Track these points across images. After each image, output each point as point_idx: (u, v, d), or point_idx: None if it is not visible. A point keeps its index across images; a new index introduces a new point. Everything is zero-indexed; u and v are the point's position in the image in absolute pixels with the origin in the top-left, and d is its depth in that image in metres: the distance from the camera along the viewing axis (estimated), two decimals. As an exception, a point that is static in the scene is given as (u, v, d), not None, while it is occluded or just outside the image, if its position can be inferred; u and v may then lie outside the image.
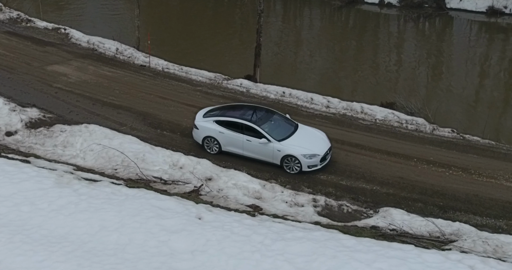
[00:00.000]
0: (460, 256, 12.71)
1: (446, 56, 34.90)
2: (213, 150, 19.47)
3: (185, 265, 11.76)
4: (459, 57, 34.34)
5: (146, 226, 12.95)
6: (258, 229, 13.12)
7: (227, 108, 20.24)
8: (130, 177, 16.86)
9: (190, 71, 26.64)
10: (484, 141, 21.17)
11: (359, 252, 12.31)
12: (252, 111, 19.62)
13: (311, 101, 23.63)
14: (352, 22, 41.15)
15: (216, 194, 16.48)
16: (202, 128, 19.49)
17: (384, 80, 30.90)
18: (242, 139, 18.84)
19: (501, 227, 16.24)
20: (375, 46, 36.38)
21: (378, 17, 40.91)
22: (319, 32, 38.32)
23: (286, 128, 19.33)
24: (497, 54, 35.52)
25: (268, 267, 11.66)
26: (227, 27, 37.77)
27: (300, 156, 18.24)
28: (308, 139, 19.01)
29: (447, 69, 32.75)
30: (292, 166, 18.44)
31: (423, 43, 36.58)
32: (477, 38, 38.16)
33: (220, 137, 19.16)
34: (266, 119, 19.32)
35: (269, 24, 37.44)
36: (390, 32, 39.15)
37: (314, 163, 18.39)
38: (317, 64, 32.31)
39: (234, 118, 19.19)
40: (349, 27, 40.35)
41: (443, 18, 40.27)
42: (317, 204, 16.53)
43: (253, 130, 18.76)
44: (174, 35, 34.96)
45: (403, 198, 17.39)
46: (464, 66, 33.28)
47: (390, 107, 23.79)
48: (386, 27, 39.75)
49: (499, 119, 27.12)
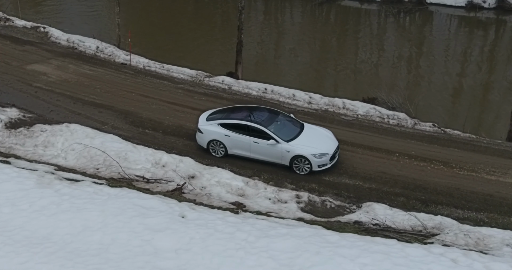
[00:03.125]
0: (443, 250, 12.82)
1: (427, 51, 35.15)
2: (219, 154, 19.07)
3: (169, 264, 11.71)
4: (439, 52, 34.62)
5: (130, 225, 12.88)
6: (242, 226, 13.11)
7: (230, 110, 19.71)
8: (113, 176, 16.75)
9: (171, 68, 26.53)
10: (464, 135, 21.39)
11: (343, 248, 12.35)
12: (257, 112, 19.23)
13: (293, 97, 23.67)
14: (333, 17, 41.26)
15: (199, 192, 16.44)
16: (206, 132, 19.06)
17: (365, 76, 31.05)
18: (249, 141, 18.48)
19: (483, 220, 16.41)
20: (356, 41, 36.52)
21: (359, 13, 41.07)
22: (301, 28, 38.38)
23: (292, 128, 19.02)
24: (477, 48, 35.87)
25: (252, 264, 11.66)
26: (208, 24, 37.66)
27: (310, 156, 17.95)
28: (316, 138, 18.74)
29: (427, 64, 33.00)
30: (302, 166, 18.16)
31: (403, 38, 36.82)
32: (456, 32, 38.49)
33: (226, 140, 18.77)
34: (272, 119, 18.93)
35: (251, 21, 37.42)
36: (371, 27, 39.34)
37: (324, 162, 18.14)
38: (298, 60, 32.36)
39: (240, 120, 18.76)
40: (330, 22, 40.45)
41: (423, 13, 40.54)
42: (300, 200, 16.56)
43: (260, 131, 18.38)
44: (155, 33, 34.78)
45: (385, 193, 17.49)
46: (444, 60, 33.58)
47: (371, 102, 23.90)
48: (367, 22, 39.94)
49: (479, 113, 27.41)
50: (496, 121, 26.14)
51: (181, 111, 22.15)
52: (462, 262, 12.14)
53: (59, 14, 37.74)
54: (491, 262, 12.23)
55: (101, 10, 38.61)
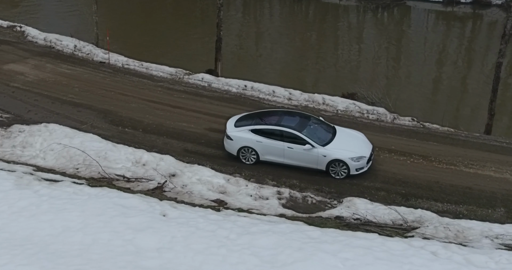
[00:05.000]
0: (423, 243, 12.94)
1: (405, 45, 35.43)
2: (250, 160, 18.55)
3: (151, 263, 11.66)
4: (418, 47, 34.93)
5: (111, 225, 12.79)
6: (224, 224, 13.10)
7: (260, 115, 19.11)
8: (93, 176, 16.63)
9: (150, 66, 26.40)
10: (443, 128, 21.61)
11: (325, 243, 12.41)
12: (288, 117, 18.80)
13: (273, 94, 23.70)
14: (312, 13, 41.37)
15: (180, 190, 16.39)
16: (237, 139, 18.50)
17: (345, 71, 31.22)
18: (283, 147, 17.98)
19: (462, 213, 16.61)
20: (335, 37, 36.68)
21: (338, 8, 41.24)
22: (280, 25, 38.42)
23: (325, 131, 18.62)
24: (454, 43, 36.25)
25: (234, 262, 11.66)
26: (187, 22, 37.52)
27: (348, 160, 17.62)
28: (351, 141, 18.43)
29: (406, 59, 33.27)
30: (339, 170, 17.82)
31: (382, 34, 37.05)
32: (434, 27, 38.84)
33: (258, 146, 18.26)
34: (305, 124, 18.49)
35: (229, 18, 37.35)
36: (350, 23, 39.52)
37: (361, 166, 17.87)
38: (278, 57, 32.41)
39: (273, 125, 18.25)
40: (309, 18, 40.56)
41: (401, 8, 40.83)
42: (282, 196, 16.60)
43: (294, 136, 17.89)
44: (134, 31, 34.57)
45: (366, 188, 17.61)
46: (422, 55, 33.88)
47: (351, 97, 24.05)
48: (346, 18, 40.11)
49: (457, 107, 27.73)
50: (474, 114, 26.47)
51: (161, 109, 22.06)
52: (442, 255, 12.27)
53: (37, 13, 37.32)
54: (471, 254, 12.38)
55: (79, 9, 38.24)
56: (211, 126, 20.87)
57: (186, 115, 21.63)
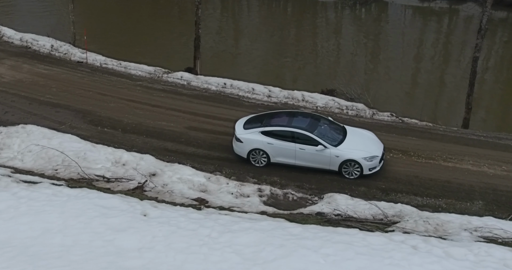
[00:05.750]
0: (403, 237, 13.05)
1: (383, 41, 35.65)
2: (260, 163, 18.37)
3: (133, 263, 11.60)
4: (396, 42, 35.17)
5: (91, 226, 12.71)
6: (205, 222, 13.09)
7: (269, 117, 18.85)
8: (72, 177, 16.50)
9: (129, 65, 26.25)
10: (421, 123, 21.83)
11: (306, 239, 12.46)
12: (298, 118, 18.62)
13: (252, 91, 23.72)
14: (291, 10, 41.43)
15: (161, 189, 16.33)
16: (247, 141, 18.25)
17: (324, 68, 31.33)
18: (295, 148, 17.81)
19: (441, 206, 16.79)
20: (314, 34, 36.80)
21: (316, 5, 41.32)
22: (258, 22, 38.43)
23: (336, 131, 18.50)
24: (431, 38, 36.57)
25: (216, 260, 11.65)
26: (165, 20, 37.33)
27: (361, 160, 17.54)
28: (362, 140, 18.36)
29: (384, 54, 33.49)
30: (352, 170, 17.74)
31: (360, 30, 37.24)
32: (411, 23, 39.13)
33: (268, 148, 18.06)
34: (316, 124, 18.31)
35: (208, 16, 37.24)
36: (328, 19, 39.65)
37: (374, 165, 17.82)
38: (257, 54, 32.41)
39: (283, 127, 18.07)
40: (288, 15, 40.62)
41: (379, 4, 41.05)
42: (263, 193, 16.63)
43: (306, 138, 17.74)
44: (112, 30, 34.31)
45: (346, 183, 17.70)
46: (400, 50, 34.12)
47: (330, 94, 24.16)
48: (324, 14, 40.23)
49: (435, 101, 28.00)
50: (452, 109, 26.75)
51: (140, 108, 21.94)
52: (422, 248, 12.39)
53: (11, 13, 36.83)
54: (450, 247, 12.52)
55: (55, 8, 37.84)
56: (191, 124, 20.82)
57: (165, 114, 21.54)
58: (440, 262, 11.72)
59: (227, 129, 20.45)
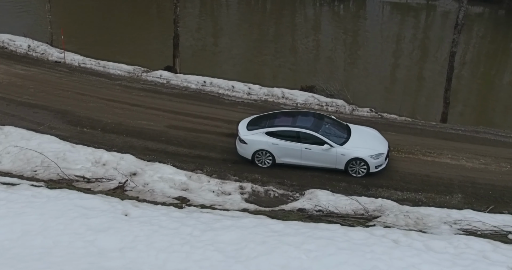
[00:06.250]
0: (384, 231, 13.17)
1: (362, 37, 35.86)
2: (265, 164, 18.18)
3: (114, 263, 11.56)
4: (374, 38, 35.38)
5: (71, 227, 12.63)
6: (186, 221, 13.08)
7: (272, 117, 18.69)
8: (51, 178, 16.35)
9: (107, 65, 26.07)
10: (401, 118, 21.99)
11: (288, 236, 12.51)
12: (302, 117, 18.51)
13: (232, 89, 23.71)
14: (269, 7, 41.46)
15: (142, 188, 16.26)
16: (251, 142, 18.04)
17: (303, 64, 31.40)
18: (300, 148, 17.69)
19: (421, 200, 16.94)
20: (293, 30, 36.86)
21: (295, 2, 41.41)
22: (237, 19, 38.41)
23: (340, 130, 18.41)
24: (409, 33, 36.87)
25: (198, 258, 11.66)
26: (144, 19, 37.14)
27: (367, 158, 17.47)
28: (367, 138, 18.28)
29: (363, 50, 33.67)
30: (358, 169, 17.66)
31: (338, 26, 37.40)
32: (389, 19, 39.40)
33: (274, 149, 17.88)
34: (320, 123, 18.20)
35: (187, 14, 37.13)
36: (307, 16, 39.76)
37: (380, 163, 17.73)
38: (237, 52, 32.39)
39: (288, 127, 17.92)
40: (267, 12, 40.64)
41: (357, 0, 41.27)
42: (244, 191, 16.64)
43: (312, 137, 17.62)
44: (89, 29, 34.02)
45: (327, 179, 17.78)
46: (379, 46, 34.33)
47: (310, 90, 24.24)
48: (303, 11, 40.33)
49: (414, 97, 28.23)
50: (430, 103, 26.99)
51: (119, 108, 21.81)
52: (403, 242, 12.51)
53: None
54: (430, 240, 12.66)
55: (31, 8, 37.42)
56: (171, 123, 20.76)
57: (145, 113, 21.44)
58: (420, 255, 11.86)
59: (207, 127, 20.45)
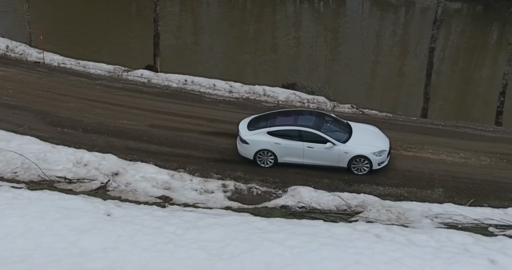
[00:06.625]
0: (367, 226, 13.25)
1: (342, 34, 36.02)
2: (267, 163, 18.12)
3: (97, 264, 11.50)
4: (354, 35, 35.55)
5: (53, 228, 12.53)
6: (170, 220, 13.05)
7: (273, 117, 18.63)
8: (32, 179, 16.21)
9: (88, 65, 25.90)
10: (381, 114, 22.15)
11: (271, 233, 12.54)
12: (304, 116, 18.53)
13: (213, 87, 23.70)
14: (250, 5, 41.44)
15: (124, 188, 16.19)
16: (253, 142, 17.96)
17: (284, 62, 31.48)
18: (302, 147, 17.64)
19: (403, 195, 17.07)
20: (274, 28, 36.91)
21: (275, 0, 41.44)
22: (218, 17, 38.34)
23: (341, 128, 18.40)
24: (389, 30, 37.11)
25: (182, 257, 11.64)
26: (124, 18, 36.93)
27: (370, 155, 17.47)
28: (368, 135, 18.32)
29: (344, 47, 33.83)
30: (361, 166, 17.67)
31: (319, 23, 37.51)
32: (369, 15, 39.60)
33: (276, 148, 17.83)
34: (321, 122, 18.18)
35: (167, 13, 37.00)
36: (287, 13, 39.82)
37: (383, 160, 17.78)
38: (218, 50, 32.36)
39: (290, 126, 17.90)
40: (247, 10, 40.62)
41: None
42: (227, 189, 16.65)
43: (314, 136, 17.59)
44: (69, 29, 33.77)
45: (310, 176, 17.85)
46: (359, 43, 34.51)
47: (291, 87, 24.33)
48: (283, 9, 40.38)
49: (394, 92, 28.44)
50: (411, 99, 27.22)
51: (100, 107, 21.68)
52: (385, 237, 12.60)
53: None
54: (412, 234, 12.77)
55: (10, 8, 37.00)
56: (153, 122, 20.69)
57: (126, 113, 21.34)
58: (403, 249, 11.95)
59: (189, 125, 20.42)
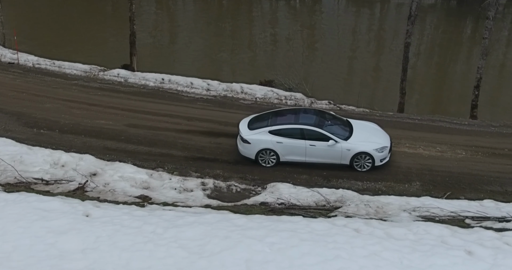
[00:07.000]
0: (345, 221, 13.38)
1: (319, 31, 36.16)
2: (269, 163, 18.04)
3: (76, 265, 11.44)
4: (331, 31, 35.72)
5: (31, 230, 12.43)
6: (149, 219, 13.02)
7: (273, 116, 18.56)
8: (8, 181, 16.01)
9: (63, 65, 25.66)
10: (359, 109, 22.31)
11: (251, 230, 12.59)
12: (304, 115, 18.52)
13: (191, 86, 23.64)
14: (226, 3, 41.36)
15: (102, 188, 16.09)
16: (255, 142, 17.84)
17: (261, 59, 31.51)
18: (305, 145, 17.63)
19: (381, 189, 17.21)
20: (251, 26, 36.92)
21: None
22: (194, 15, 38.23)
23: (342, 125, 18.42)
24: (365, 26, 37.35)
25: (162, 256, 11.64)
26: (99, 17, 36.62)
27: (372, 151, 17.53)
28: (369, 132, 18.38)
29: (320, 44, 33.97)
30: (363, 163, 17.71)
31: (295, 20, 37.60)
32: (345, 12, 39.80)
33: (278, 147, 17.75)
34: (322, 120, 18.20)
35: (143, 12, 36.78)
36: (264, 11, 39.84)
37: (385, 156, 17.82)
38: (195, 48, 32.27)
39: (292, 124, 17.86)
40: (224, 8, 40.55)
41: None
42: (206, 187, 16.64)
43: (316, 134, 17.59)
44: (44, 29, 33.39)
45: (288, 172, 17.87)
46: (336, 39, 34.69)
47: (269, 85, 24.38)
48: (259, 6, 40.39)
49: (371, 88, 28.65)
50: (387, 94, 27.41)
51: (77, 108, 21.49)
52: (364, 231, 12.74)
53: None
54: (390, 227, 12.93)
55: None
56: (130, 121, 20.57)
57: (104, 112, 21.19)
58: (381, 243, 12.10)
59: (167, 124, 20.35)
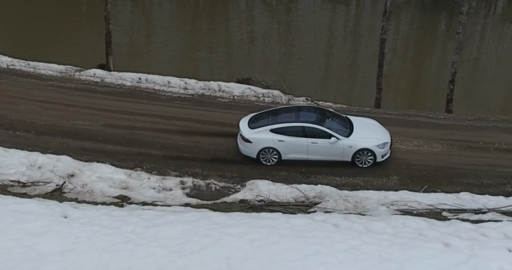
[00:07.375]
0: (325, 216, 13.45)
1: (295, 28, 36.26)
2: (271, 161, 18.08)
3: (55, 267, 11.33)
4: (307, 28, 35.87)
5: (8, 233, 12.27)
6: (128, 219, 12.95)
7: (274, 114, 18.61)
8: (-16, 184, 15.86)
9: (38, 65, 25.31)
10: (336, 105, 22.39)
11: (231, 227, 12.60)
12: (305, 112, 18.54)
13: (168, 85, 23.54)
14: (202, 1, 41.24)
15: (80, 189, 15.98)
16: (256, 141, 17.86)
17: (238, 57, 31.52)
18: (307, 143, 17.69)
19: (359, 184, 17.37)
20: (227, 24, 36.87)
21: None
22: (170, 14, 38.06)
23: (342, 122, 18.49)
24: (341, 22, 37.55)
25: (142, 255, 11.58)
26: (74, 17, 36.24)
27: (374, 148, 17.63)
28: (370, 129, 18.49)
29: (297, 41, 34.06)
30: (365, 159, 17.83)
31: (272, 17, 37.66)
32: (321, 9, 39.95)
33: (280, 146, 17.81)
34: (323, 117, 18.28)
35: (118, 11, 36.50)
36: (240, 9, 39.82)
37: (386, 152, 17.94)
38: (172, 47, 32.17)
39: (294, 123, 17.91)
40: (200, 6, 40.45)
41: (288, -9, 41.61)
42: (185, 186, 16.63)
43: (318, 131, 17.67)
44: (17, 29, 32.95)
45: (267, 169, 17.90)
46: (312, 36, 34.82)
47: (246, 82, 24.37)
48: (235, 5, 40.35)
49: (348, 84, 28.85)
50: (364, 90, 27.64)
51: (53, 109, 21.28)
52: (343, 226, 12.82)
53: None
54: (369, 221, 13.03)
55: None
56: (108, 121, 20.44)
57: (80, 113, 21.01)
58: (361, 237, 12.19)
59: (145, 124, 20.27)
